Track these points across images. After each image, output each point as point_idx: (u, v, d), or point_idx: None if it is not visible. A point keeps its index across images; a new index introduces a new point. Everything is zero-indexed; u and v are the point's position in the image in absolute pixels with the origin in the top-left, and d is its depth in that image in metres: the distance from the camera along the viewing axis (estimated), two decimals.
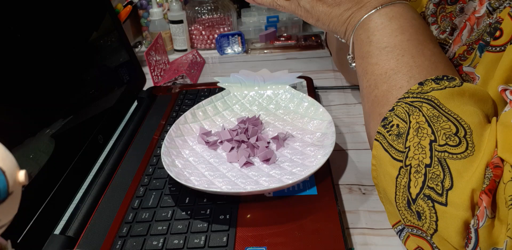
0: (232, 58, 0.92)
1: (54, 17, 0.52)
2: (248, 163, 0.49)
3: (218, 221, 0.43)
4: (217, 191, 0.44)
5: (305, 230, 0.41)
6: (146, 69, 0.76)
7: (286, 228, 0.41)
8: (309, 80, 0.70)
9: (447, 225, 0.31)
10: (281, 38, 0.96)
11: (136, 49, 0.95)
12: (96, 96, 0.58)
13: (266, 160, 0.49)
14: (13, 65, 0.43)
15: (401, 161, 0.34)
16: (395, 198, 0.35)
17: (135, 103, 0.69)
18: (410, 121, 0.35)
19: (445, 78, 0.36)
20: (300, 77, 0.63)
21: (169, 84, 0.79)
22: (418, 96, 0.36)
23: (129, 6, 0.89)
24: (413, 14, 0.42)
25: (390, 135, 0.36)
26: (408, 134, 0.35)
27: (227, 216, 0.43)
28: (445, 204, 0.31)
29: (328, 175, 0.48)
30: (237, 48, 0.93)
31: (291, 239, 0.40)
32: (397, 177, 0.35)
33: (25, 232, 0.39)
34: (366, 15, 0.42)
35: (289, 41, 0.94)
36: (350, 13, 0.44)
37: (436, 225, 0.32)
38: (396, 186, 0.35)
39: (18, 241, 0.38)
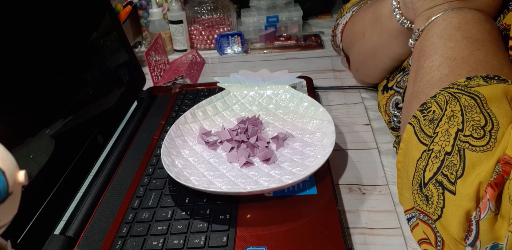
0: (232, 58, 0.92)
1: (54, 17, 0.52)
2: (248, 163, 0.49)
3: (218, 221, 0.43)
4: (217, 191, 0.44)
5: (305, 230, 0.41)
6: (146, 70, 0.76)
7: (286, 228, 0.41)
8: (308, 80, 0.70)
9: (451, 213, 0.32)
10: (281, 38, 0.96)
11: (136, 50, 0.95)
12: (96, 97, 0.58)
13: (266, 160, 0.49)
14: (13, 65, 0.44)
15: (426, 144, 0.36)
16: (412, 180, 0.36)
17: (135, 104, 0.69)
18: (446, 110, 0.36)
19: (496, 78, 0.36)
20: (299, 77, 0.63)
21: (169, 84, 0.79)
22: (463, 89, 0.36)
23: (128, 6, 0.89)
24: (497, 27, 0.43)
25: (424, 119, 0.37)
26: (440, 120, 0.36)
27: (227, 216, 0.43)
28: (455, 193, 0.32)
29: (328, 175, 0.48)
30: (237, 48, 0.93)
31: (291, 239, 0.40)
32: (418, 160, 0.36)
33: (25, 232, 0.39)
34: (469, 7, 0.42)
35: (289, 41, 0.94)
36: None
37: (441, 211, 0.33)
38: (415, 169, 0.36)
39: (18, 241, 0.38)
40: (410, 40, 0.46)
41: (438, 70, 0.40)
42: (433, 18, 0.43)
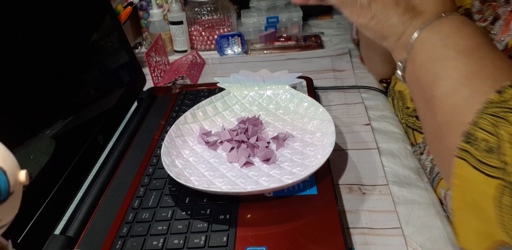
0: (232, 59, 0.92)
1: (54, 18, 0.53)
2: (248, 163, 0.50)
3: (218, 221, 0.43)
4: (217, 191, 0.44)
5: (305, 230, 0.41)
6: (146, 70, 0.76)
7: (286, 228, 0.41)
8: (308, 81, 0.70)
9: None
10: (281, 39, 0.96)
11: (136, 50, 0.95)
12: (96, 97, 0.58)
13: (266, 160, 0.49)
14: (14, 66, 0.44)
15: (499, 178, 0.31)
16: (501, 219, 0.32)
17: (135, 104, 0.69)
18: (500, 134, 0.31)
19: None
20: (299, 77, 0.63)
21: (169, 85, 0.79)
22: (501, 105, 0.32)
23: (129, 7, 0.89)
24: (475, 24, 0.40)
25: (478, 150, 0.32)
26: (501, 147, 0.31)
27: (227, 216, 0.43)
28: None
29: (328, 175, 0.48)
30: (237, 49, 0.93)
31: (291, 239, 0.40)
32: (497, 197, 0.31)
33: (25, 232, 0.39)
34: (433, 19, 0.39)
35: (289, 42, 0.94)
36: (411, 15, 0.40)
37: None
38: (499, 207, 0.31)
39: (18, 241, 0.38)
40: (397, 72, 0.43)
41: (457, 94, 0.36)
42: (409, 46, 0.40)
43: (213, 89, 0.70)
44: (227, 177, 0.48)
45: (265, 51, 0.93)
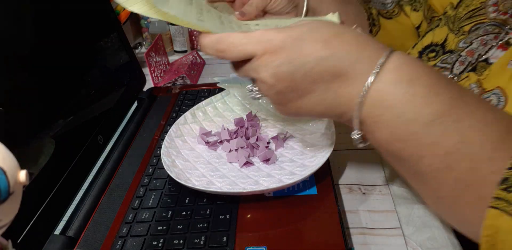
0: None
1: (55, 18, 0.53)
2: (248, 163, 0.50)
3: (218, 221, 0.43)
4: (217, 191, 0.44)
5: (305, 230, 0.41)
6: (146, 71, 0.76)
7: (286, 228, 0.41)
8: None
9: None
10: None
11: (136, 51, 0.95)
12: (97, 97, 0.58)
13: (266, 160, 0.49)
14: (14, 66, 0.44)
15: None
16: None
17: (135, 104, 0.69)
18: None
19: None
20: None
21: (169, 85, 0.79)
22: None
23: None
24: (419, 62, 0.32)
25: None
26: None
27: (227, 216, 0.43)
28: None
29: (328, 175, 0.48)
30: None
31: (291, 239, 0.40)
32: None
33: (25, 232, 0.39)
34: (368, 89, 0.31)
35: None
36: (338, 93, 0.33)
37: None
38: None
39: (18, 241, 0.38)
40: (359, 145, 0.37)
41: (453, 169, 0.30)
42: (356, 122, 0.34)
43: (213, 89, 0.70)
44: (227, 177, 0.48)
45: None
